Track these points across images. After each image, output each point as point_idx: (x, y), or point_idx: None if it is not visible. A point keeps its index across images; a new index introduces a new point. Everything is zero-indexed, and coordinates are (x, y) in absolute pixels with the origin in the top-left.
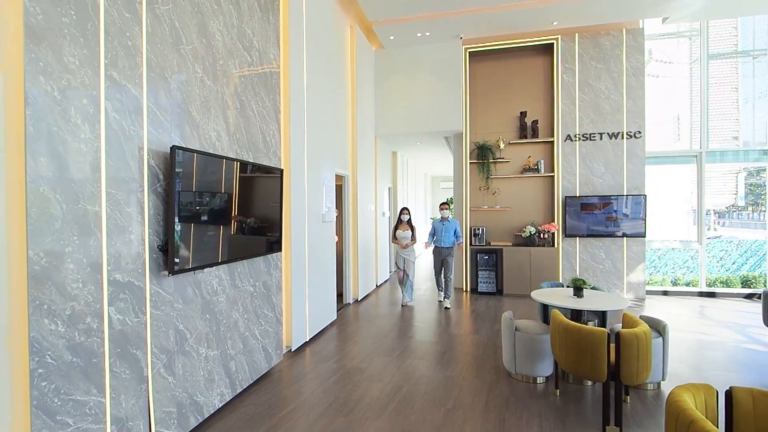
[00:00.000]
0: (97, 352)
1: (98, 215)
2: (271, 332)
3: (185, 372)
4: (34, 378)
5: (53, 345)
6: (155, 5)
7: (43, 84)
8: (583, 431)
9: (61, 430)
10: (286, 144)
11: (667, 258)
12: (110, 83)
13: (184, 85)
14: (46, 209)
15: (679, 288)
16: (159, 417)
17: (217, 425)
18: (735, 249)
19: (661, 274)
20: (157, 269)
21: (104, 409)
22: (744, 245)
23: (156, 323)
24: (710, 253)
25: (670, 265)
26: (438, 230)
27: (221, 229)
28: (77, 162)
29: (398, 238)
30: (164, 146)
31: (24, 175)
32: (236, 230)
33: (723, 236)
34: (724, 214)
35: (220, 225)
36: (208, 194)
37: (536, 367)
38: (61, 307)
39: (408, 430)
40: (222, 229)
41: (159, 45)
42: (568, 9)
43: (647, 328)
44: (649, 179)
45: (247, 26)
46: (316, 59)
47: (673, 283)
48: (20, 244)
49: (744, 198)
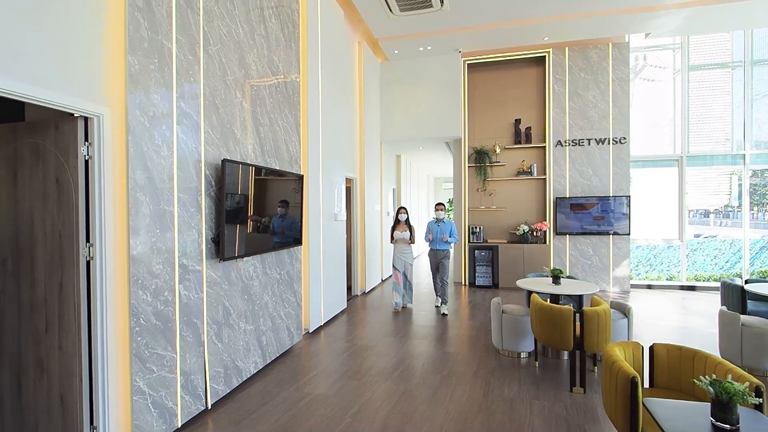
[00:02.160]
0: (171, 319)
1: (172, 214)
2: (293, 314)
3: (229, 341)
4: (133, 334)
5: (144, 310)
6: (209, 46)
7: (138, 116)
8: (554, 392)
9: (149, 374)
10: (304, 153)
11: (662, 256)
12: (180, 112)
13: (229, 108)
14: (140, 209)
15: (662, 282)
16: (211, 374)
17: (254, 386)
18: (728, 248)
19: (657, 272)
20: (210, 257)
21: (176, 362)
22: (737, 244)
23: (209, 299)
24: (705, 251)
25: (665, 263)
26: (433, 231)
27: (256, 225)
28: (159, 173)
29: (396, 239)
30: (215, 159)
31: (126, 184)
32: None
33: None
34: (727, 214)
35: (255, 222)
36: (246, 197)
37: (520, 344)
38: (149, 282)
39: (410, 390)
40: (256, 225)
41: (211, 78)
42: (558, 26)
43: (607, 308)
44: (644, 181)
45: (274, 54)
46: (329, 75)
47: (668, 279)
48: (123, 235)
49: (738, 198)
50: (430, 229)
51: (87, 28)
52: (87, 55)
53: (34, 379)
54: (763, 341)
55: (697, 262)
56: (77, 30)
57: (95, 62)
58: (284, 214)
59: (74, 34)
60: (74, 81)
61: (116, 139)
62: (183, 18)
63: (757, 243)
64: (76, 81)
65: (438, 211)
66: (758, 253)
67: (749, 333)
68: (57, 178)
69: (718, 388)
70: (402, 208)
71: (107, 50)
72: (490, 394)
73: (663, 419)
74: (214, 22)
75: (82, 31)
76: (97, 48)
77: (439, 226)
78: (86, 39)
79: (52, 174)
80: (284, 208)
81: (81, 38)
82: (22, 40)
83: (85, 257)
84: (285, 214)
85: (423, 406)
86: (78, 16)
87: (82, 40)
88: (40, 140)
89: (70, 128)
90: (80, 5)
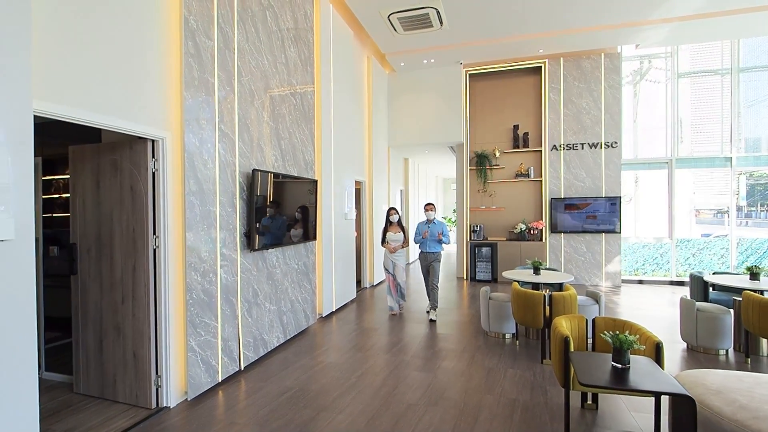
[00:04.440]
0: (214, 295)
1: (215, 213)
2: (308, 300)
3: (257, 317)
4: (187, 305)
5: (195, 288)
6: (241, 78)
7: (192, 138)
8: (527, 363)
9: (198, 337)
10: (318, 161)
11: (668, 256)
12: (221, 133)
13: (257, 126)
14: (192, 210)
15: (652, 278)
16: (244, 342)
17: (277, 355)
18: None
19: (663, 271)
20: (243, 247)
21: (217, 330)
22: (744, 243)
23: (242, 282)
24: (711, 251)
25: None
26: (423, 233)
27: (279, 222)
28: (206, 182)
29: (389, 241)
30: (247, 169)
31: (183, 190)
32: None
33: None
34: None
35: (279, 220)
36: (270, 198)
37: (504, 326)
38: (198, 266)
39: (405, 360)
40: (279, 222)
41: (243, 104)
42: (551, 40)
43: (573, 293)
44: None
45: (293, 78)
46: (341, 89)
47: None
48: (180, 229)
49: (746, 198)
50: (421, 230)
51: (154, 72)
52: (154, 93)
53: (113, 339)
54: (715, 324)
55: (704, 260)
56: (148, 74)
57: (160, 98)
58: (302, 214)
59: (145, 77)
60: (145, 113)
61: (175, 156)
62: (222, 57)
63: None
64: (146, 113)
65: (428, 212)
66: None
67: (703, 317)
68: (131, 186)
69: (615, 338)
70: (392, 208)
71: (168, 88)
72: (473, 365)
73: (577, 362)
74: (245, 57)
75: (151, 76)
76: (161, 87)
77: (430, 228)
78: (154, 81)
79: (127, 183)
80: (301, 209)
81: (150, 80)
82: (108, 85)
83: (152, 246)
84: (302, 214)
85: (415, 372)
86: (148, 63)
87: (150, 82)
88: (117, 157)
89: (141, 148)
90: (150, 56)
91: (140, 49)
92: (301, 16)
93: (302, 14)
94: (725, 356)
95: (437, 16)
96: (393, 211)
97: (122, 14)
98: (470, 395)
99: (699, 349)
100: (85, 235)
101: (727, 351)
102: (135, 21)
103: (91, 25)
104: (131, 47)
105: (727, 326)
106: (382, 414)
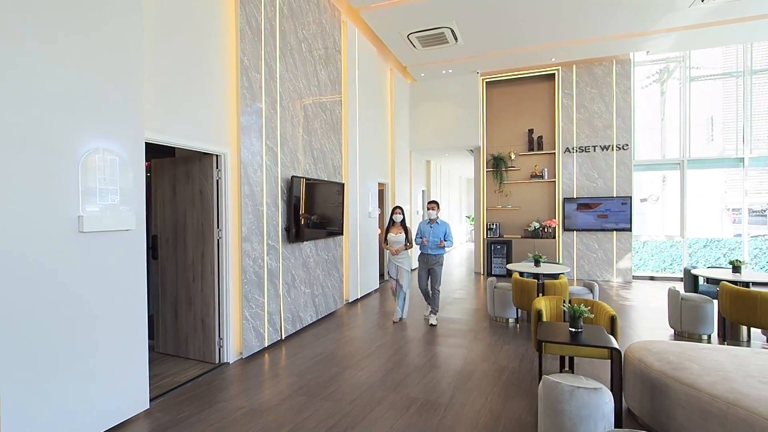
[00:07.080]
0: (262, 277)
1: (263, 211)
2: (336, 287)
3: (295, 297)
4: (243, 283)
5: (248, 271)
6: (282, 101)
7: (245, 152)
8: (523, 341)
9: (250, 309)
10: (345, 166)
11: (698, 255)
12: (267, 148)
13: (294, 141)
14: (246, 209)
15: (663, 274)
16: (284, 317)
17: (310, 331)
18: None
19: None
20: (284, 240)
21: (264, 305)
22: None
23: (283, 268)
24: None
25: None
26: (425, 233)
27: (312, 219)
28: (255, 186)
29: (390, 243)
30: (287, 175)
31: (239, 194)
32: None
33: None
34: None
35: (312, 217)
36: (305, 199)
37: (507, 312)
38: (251, 253)
39: (419, 336)
40: (312, 219)
41: (283, 122)
42: (562, 50)
43: (565, 281)
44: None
45: (323, 96)
46: (365, 100)
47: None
48: (238, 224)
49: None
50: (422, 231)
51: (218, 104)
52: (218, 119)
53: (185, 310)
54: (697, 312)
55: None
56: (214, 104)
57: (222, 122)
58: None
59: (211, 105)
60: (211, 134)
61: (233, 167)
62: (268, 86)
63: None
64: (213, 135)
65: (430, 210)
66: None
67: (686, 305)
68: (200, 190)
69: (569, 308)
70: (397, 207)
71: (228, 113)
72: (474, 342)
73: (543, 328)
74: (285, 84)
75: (215, 106)
76: (223, 114)
77: (432, 228)
78: (218, 109)
79: (197, 188)
80: (331, 208)
81: (215, 109)
82: (186, 115)
83: (216, 237)
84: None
85: (424, 345)
86: (214, 97)
87: (215, 110)
88: (189, 168)
89: (208, 161)
90: (216, 90)
91: (209, 86)
92: (331, 43)
93: (332, 41)
94: (707, 341)
95: (452, 34)
96: (398, 210)
97: (195, 61)
98: (468, 363)
99: (684, 334)
100: (164, 229)
101: (709, 336)
102: (206, 67)
103: (177, 73)
104: (202, 85)
105: (709, 314)
106: (395, 372)
